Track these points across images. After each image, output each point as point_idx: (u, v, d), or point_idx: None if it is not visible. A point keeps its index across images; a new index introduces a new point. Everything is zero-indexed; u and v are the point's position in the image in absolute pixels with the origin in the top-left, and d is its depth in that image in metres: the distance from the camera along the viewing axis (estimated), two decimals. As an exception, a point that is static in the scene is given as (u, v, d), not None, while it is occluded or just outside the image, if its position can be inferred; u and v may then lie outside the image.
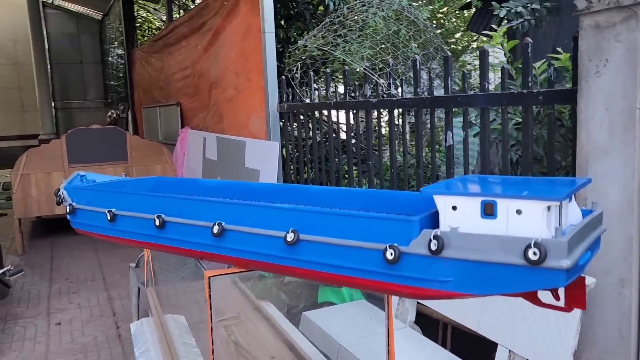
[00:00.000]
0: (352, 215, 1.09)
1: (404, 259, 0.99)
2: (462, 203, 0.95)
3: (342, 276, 1.08)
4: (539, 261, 0.86)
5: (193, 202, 1.34)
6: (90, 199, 1.57)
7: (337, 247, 1.07)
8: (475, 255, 0.92)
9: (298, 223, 1.13)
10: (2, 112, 11.58)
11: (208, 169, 5.68)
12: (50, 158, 5.95)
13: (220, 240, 1.24)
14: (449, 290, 0.97)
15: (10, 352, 3.53)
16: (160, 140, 7.46)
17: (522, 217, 0.89)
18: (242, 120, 4.83)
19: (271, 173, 4.34)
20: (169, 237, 1.34)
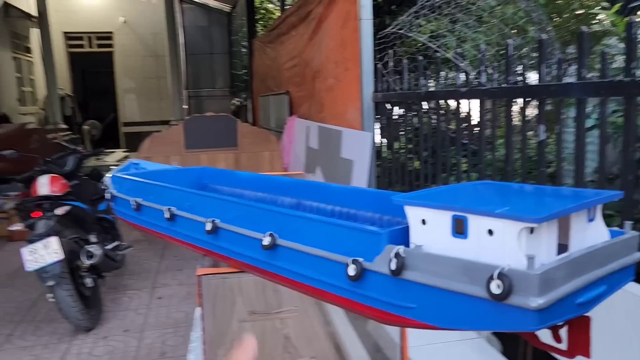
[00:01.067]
0: (323, 222, 0.98)
1: (368, 276, 0.86)
2: (431, 217, 0.80)
3: (313, 288, 0.98)
4: (502, 296, 0.69)
5: (195, 196, 1.31)
6: (126, 187, 1.61)
7: (308, 256, 0.97)
8: (437, 281, 0.77)
9: (278, 226, 1.05)
10: (144, 100, 12.74)
11: (310, 158, 5.73)
12: (170, 143, 6.40)
13: (214, 237, 1.20)
14: (412, 318, 0.82)
15: (114, 320, 3.86)
16: (271, 128, 7.69)
17: (494, 239, 0.73)
18: (341, 110, 4.78)
19: (363, 164, 4.24)
20: (177, 229, 1.33)
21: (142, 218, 1.49)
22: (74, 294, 3.41)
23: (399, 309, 0.83)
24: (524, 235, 0.71)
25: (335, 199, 1.37)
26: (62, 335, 3.61)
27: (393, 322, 0.86)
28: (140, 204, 1.47)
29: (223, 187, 1.77)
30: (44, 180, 3.65)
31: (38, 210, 3.52)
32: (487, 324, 0.74)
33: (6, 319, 3.93)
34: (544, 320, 0.69)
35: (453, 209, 0.77)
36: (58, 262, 3.33)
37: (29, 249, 3.33)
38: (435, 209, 0.80)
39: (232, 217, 1.17)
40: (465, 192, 0.94)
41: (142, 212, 1.49)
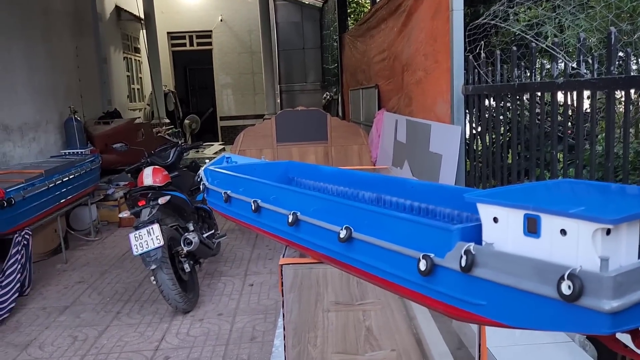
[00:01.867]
0: (396, 217, 1.01)
1: (438, 271, 0.88)
2: (504, 215, 0.80)
3: (386, 281, 1.02)
4: (573, 297, 0.69)
5: (278, 189, 1.39)
6: (218, 179, 1.73)
7: (382, 250, 1.01)
8: (508, 280, 0.78)
9: (354, 220, 1.09)
10: (239, 94, 13.29)
11: (398, 152, 5.70)
12: (262, 136, 6.63)
13: (295, 229, 1.26)
14: (482, 315, 0.83)
15: (209, 304, 4.11)
16: (361, 122, 7.73)
17: (567, 239, 0.72)
18: (429, 103, 4.72)
19: (452, 158, 4.17)
20: (261, 220, 1.41)
21: (231, 209, 1.60)
22: (173, 278, 3.67)
23: (468, 305, 0.85)
24: (599, 236, 0.70)
25: (414, 194, 1.39)
26: (163, 316, 3.90)
27: (463, 317, 0.88)
28: (229, 195, 1.58)
29: (308, 180, 1.84)
30: (148, 171, 3.95)
31: (143, 199, 3.82)
32: (557, 324, 0.74)
33: (115, 297, 4.31)
34: (617, 324, 0.68)
35: (526, 208, 0.77)
36: (160, 248, 3.60)
37: (135, 234, 3.63)
38: (507, 207, 0.80)
39: (311, 210, 1.23)
40: (541, 190, 0.93)
41: (231, 203, 1.59)
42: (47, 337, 3.66)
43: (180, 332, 3.63)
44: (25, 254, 4.33)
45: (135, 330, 3.70)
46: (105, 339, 3.58)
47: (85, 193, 5.85)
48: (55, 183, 5.00)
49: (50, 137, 6.72)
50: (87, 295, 4.40)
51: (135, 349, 3.43)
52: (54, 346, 3.52)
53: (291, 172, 1.90)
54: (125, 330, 3.70)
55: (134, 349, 3.42)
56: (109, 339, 3.59)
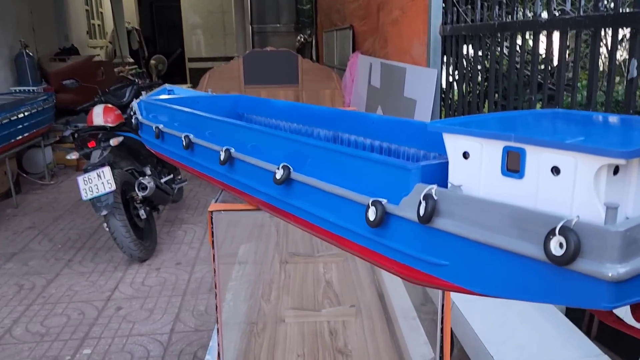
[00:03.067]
0: (342, 153, 0.79)
1: (392, 222, 0.68)
2: (476, 148, 0.60)
3: (330, 233, 0.81)
4: (564, 259, 0.49)
5: (211, 122, 1.15)
6: (153, 113, 1.48)
7: (325, 194, 0.80)
8: (478, 234, 0.58)
9: (294, 157, 0.87)
10: (209, 35, 12.67)
11: (372, 97, 5.46)
12: (229, 78, 6.28)
13: (228, 168, 1.04)
14: (444, 278, 0.64)
15: (167, 252, 3.91)
16: (335, 65, 7.41)
17: (561, 180, 0.52)
18: (405, 45, 4.45)
19: (427, 105, 3.95)
20: (194, 159, 1.19)
21: (162, 146, 1.36)
22: (127, 225, 3.44)
23: (427, 265, 0.65)
24: (604, 176, 0.49)
25: (376, 132, 1.17)
26: (118, 264, 3.69)
27: (420, 280, 0.69)
28: (160, 130, 1.34)
29: (259, 117, 1.61)
30: (99, 110, 3.63)
31: (93, 140, 3.53)
32: (542, 294, 0.54)
33: (68, 244, 4.07)
34: (622, 296, 0.49)
35: (506, 138, 0.56)
36: (111, 192, 3.34)
37: (84, 178, 3.36)
38: (481, 137, 0.59)
39: (246, 147, 1.00)
40: (526, 120, 0.71)
41: (164, 139, 1.36)
42: (-10, 285, 3.43)
43: (134, 282, 3.44)
44: (-32, 197, 4.02)
45: (87, 279, 3.49)
46: (54, 288, 3.37)
47: (38, 134, 5.48)
48: (2, 122, 4.63)
49: (0, 73, 6.24)
50: (37, 241, 4.14)
51: (85, 298, 3.23)
52: (-3, 295, 3.29)
53: (241, 107, 1.66)
54: (76, 279, 3.48)
55: (83, 299, 3.22)
56: (57, 288, 3.38)
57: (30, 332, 2.87)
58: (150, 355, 2.67)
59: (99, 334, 2.84)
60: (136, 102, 1.57)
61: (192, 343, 2.74)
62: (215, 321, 1.40)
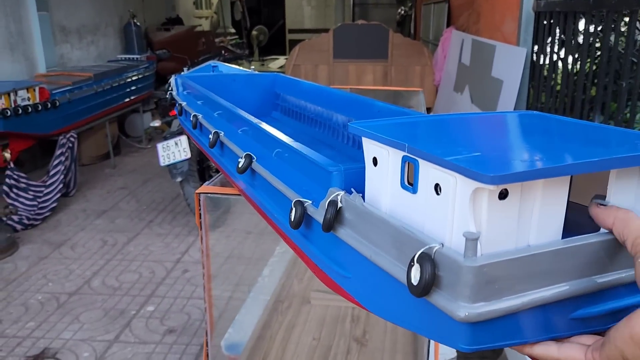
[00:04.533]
0: (290, 149, 0.75)
1: (311, 223, 0.65)
2: (383, 155, 0.53)
3: (274, 224, 0.79)
4: (419, 289, 0.43)
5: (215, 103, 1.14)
6: (187, 90, 1.50)
7: (271, 187, 0.77)
8: (368, 250, 0.53)
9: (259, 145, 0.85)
10: (310, 7, 12.72)
11: (461, 75, 5.20)
12: (318, 51, 6.28)
13: (219, 151, 1.04)
14: (348, 291, 0.60)
15: (239, 222, 4.04)
16: (430, 40, 7.13)
17: (442, 200, 0.45)
18: (497, 21, 4.16)
19: (513, 86, 3.69)
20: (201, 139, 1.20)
21: (185, 123, 1.39)
22: (200, 192, 3.59)
23: (336, 274, 0.62)
24: (484, 200, 0.42)
25: (371, 117, 1.11)
26: (192, 229, 3.88)
27: (333, 290, 0.65)
28: (183, 108, 1.36)
29: (292, 98, 1.58)
30: (180, 80, 3.79)
31: (174, 109, 3.70)
32: (410, 322, 0.49)
33: (152, 206, 4.34)
34: (482, 340, 0.41)
35: (402, 147, 0.49)
36: (186, 160, 3.50)
37: (163, 145, 3.54)
38: (385, 144, 0.52)
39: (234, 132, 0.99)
40: (451, 125, 0.62)
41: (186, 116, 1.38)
42: (80, 238, 3.76)
43: (204, 247, 3.60)
44: (70, 156, 4.40)
45: (163, 240, 3.71)
46: (132, 246, 3.62)
47: (138, 100, 5.85)
48: (104, 88, 4.99)
49: (110, 41, 6.71)
50: (126, 201, 4.46)
51: (157, 259, 3.44)
52: (84, 248, 3.60)
53: (278, 86, 1.64)
54: (153, 240, 3.72)
55: (156, 259, 3.44)
56: (135, 246, 3.63)
57: (105, 285, 3.12)
58: (206, 318, 2.80)
59: (163, 294, 3.02)
60: (173, 78, 1.60)
61: (245, 312, 2.83)
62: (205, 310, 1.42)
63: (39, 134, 4.21)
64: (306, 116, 1.47)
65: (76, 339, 2.61)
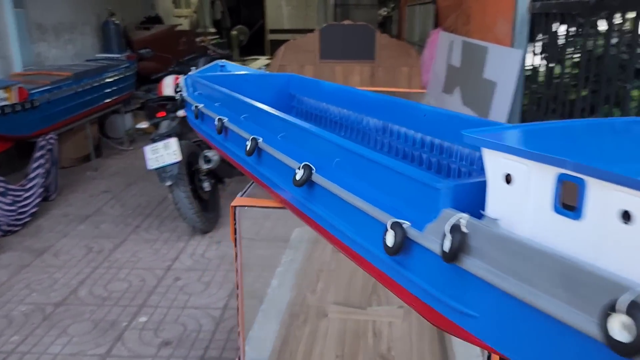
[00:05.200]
0: (371, 160, 0.66)
1: (413, 250, 0.54)
2: (523, 172, 0.45)
3: (348, 249, 0.69)
4: (632, 349, 0.34)
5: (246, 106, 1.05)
6: (199, 91, 1.40)
7: (345, 203, 0.67)
8: (516, 287, 0.43)
9: (319, 156, 0.75)
10: (290, 7, 12.61)
11: (450, 77, 5.17)
12: (305, 51, 6.19)
13: (256, 160, 0.94)
14: (472, 332, 0.50)
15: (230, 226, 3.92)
16: (416, 42, 7.11)
17: (634, 230, 0.36)
18: (489, 22, 4.13)
19: (508, 88, 3.66)
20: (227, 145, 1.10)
21: (201, 127, 1.28)
22: (190, 196, 3.47)
23: (452, 311, 0.52)
24: None
25: (428, 124, 1.02)
26: (181, 234, 3.75)
27: (443, 327, 0.55)
28: (200, 110, 1.26)
29: (309, 99, 1.49)
30: (169, 81, 3.66)
31: (162, 111, 3.57)
32: None
33: (137, 211, 4.19)
34: None
35: (561, 164, 0.40)
36: (176, 163, 3.37)
37: (151, 147, 3.40)
38: (529, 158, 0.43)
39: (274, 137, 0.89)
40: (597, 134, 0.54)
41: (203, 120, 1.27)
42: (64, 245, 3.59)
43: (195, 253, 3.48)
44: (50, 158, 4.22)
45: (151, 246, 3.57)
46: (120, 253, 3.47)
47: (119, 100, 5.68)
48: (85, 87, 4.82)
49: (87, 39, 6.50)
50: (110, 205, 4.30)
51: (147, 266, 3.31)
52: (68, 255, 3.45)
53: (292, 87, 1.54)
54: (141, 246, 3.58)
55: (146, 266, 3.30)
56: (123, 253, 3.48)
57: (93, 294, 2.97)
58: (202, 329, 2.68)
59: (156, 303, 2.89)
60: (183, 78, 1.50)
61: (242, 321, 2.72)
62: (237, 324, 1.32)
63: (17, 135, 4.03)
64: (328, 119, 1.38)
65: (65, 353, 2.47)
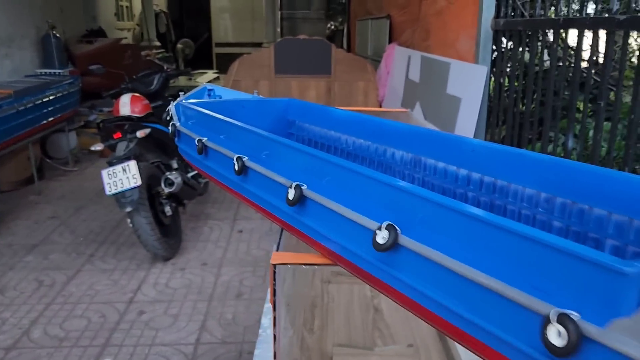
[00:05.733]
0: (489, 223, 0.55)
1: (586, 349, 0.43)
2: None
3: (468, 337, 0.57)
4: None
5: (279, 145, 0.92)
6: (193, 120, 1.25)
7: (455, 276, 0.56)
8: None
9: (403, 213, 0.63)
10: (237, 20, 12.44)
11: (409, 92, 5.18)
12: (259, 66, 6.05)
13: (298, 209, 0.82)
14: None
15: (193, 251, 3.72)
16: (369, 56, 7.12)
17: None
18: (450, 39, 4.16)
19: (474, 103, 3.68)
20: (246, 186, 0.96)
21: (207, 164, 1.14)
22: (152, 222, 3.25)
23: None
24: None
25: (476, 160, 0.93)
26: (141, 262, 3.51)
27: None
28: (205, 144, 1.11)
29: (313, 126, 1.37)
30: (125, 100, 3.44)
31: (119, 131, 3.34)
32: None
33: (90, 237, 3.91)
34: None
35: None
36: (136, 188, 3.16)
37: (109, 171, 3.17)
38: None
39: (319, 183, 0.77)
40: None
41: (208, 156, 1.13)
42: (10, 279, 3.28)
43: (158, 283, 3.25)
44: (-11, 184, 3.88)
45: (109, 277, 3.32)
46: (74, 286, 3.20)
47: (63, 118, 5.33)
48: (26, 106, 4.47)
49: (26, 54, 6.09)
50: (58, 233, 3.99)
51: (106, 299, 3.06)
52: (16, 290, 3.14)
53: (291, 113, 1.42)
54: (98, 277, 3.32)
55: (105, 300, 3.05)
56: (78, 286, 3.21)
57: (48, 335, 2.71)
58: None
59: (120, 341, 2.67)
60: (173, 105, 1.34)
61: (219, 357, 2.55)
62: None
63: (-47, 160, 3.66)
64: (339, 149, 1.27)
65: (22, 406, 2.21)
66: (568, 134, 2.72)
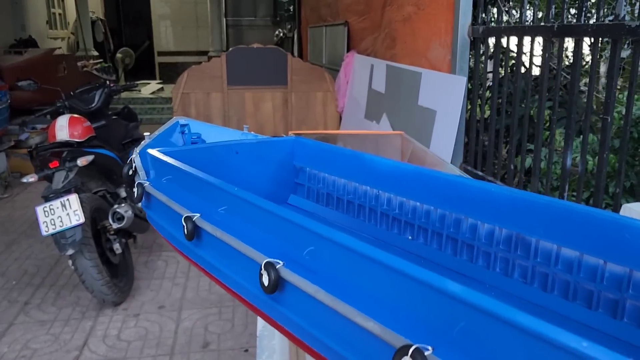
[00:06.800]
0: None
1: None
2: None
3: None
4: None
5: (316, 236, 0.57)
6: (169, 176, 0.87)
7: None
8: None
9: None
10: (179, 27, 11.87)
11: (373, 103, 4.90)
12: (210, 77, 5.64)
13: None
14: None
15: (147, 291, 3.27)
16: (324, 65, 6.82)
17: None
18: (420, 47, 3.90)
19: (452, 116, 3.42)
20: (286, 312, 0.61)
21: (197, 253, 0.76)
22: (98, 264, 2.79)
23: None
24: None
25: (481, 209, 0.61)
26: (86, 309, 3.03)
27: None
28: (197, 225, 0.74)
29: (323, 173, 1.02)
30: (63, 122, 2.96)
31: (56, 160, 2.86)
32: None
33: (24, 280, 3.38)
34: None
35: None
36: (79, 226, 2.69)
37: (45, 208, 2.70)
38: None
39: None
40: None
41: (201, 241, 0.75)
42: None
43: (108, 335, 2.79)
44: None
45: (48, 331, 2.83)
46: (6, 345, 2.70)
47: (-11, 140, 4.72)
48: (-56, 128, 3.88)
49: (-57, 67, 5.42)
50: (-15, 276, 3.43)
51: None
52: None
53: (298, 157, 1.06)
54: (34, 332, 2.82)
55: (44, 362, 2.57)
56: (10, 344, 2.71)
57: (-27, 415, 2.21)
58: None
59: (64, 417, 2.21)
60: (137, 153, 0.96)
61: None
62: None
63: None
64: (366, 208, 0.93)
65: None
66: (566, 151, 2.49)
